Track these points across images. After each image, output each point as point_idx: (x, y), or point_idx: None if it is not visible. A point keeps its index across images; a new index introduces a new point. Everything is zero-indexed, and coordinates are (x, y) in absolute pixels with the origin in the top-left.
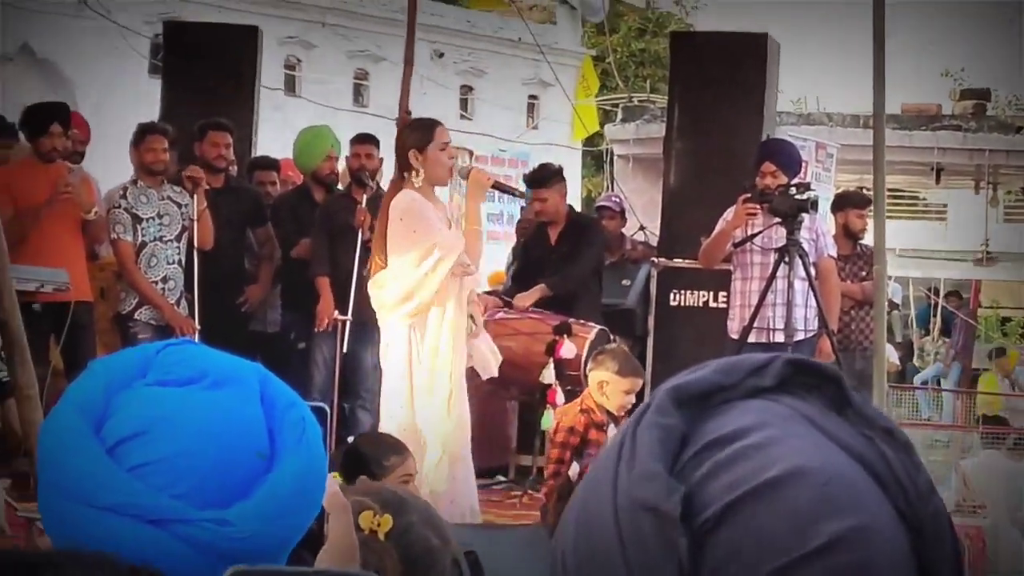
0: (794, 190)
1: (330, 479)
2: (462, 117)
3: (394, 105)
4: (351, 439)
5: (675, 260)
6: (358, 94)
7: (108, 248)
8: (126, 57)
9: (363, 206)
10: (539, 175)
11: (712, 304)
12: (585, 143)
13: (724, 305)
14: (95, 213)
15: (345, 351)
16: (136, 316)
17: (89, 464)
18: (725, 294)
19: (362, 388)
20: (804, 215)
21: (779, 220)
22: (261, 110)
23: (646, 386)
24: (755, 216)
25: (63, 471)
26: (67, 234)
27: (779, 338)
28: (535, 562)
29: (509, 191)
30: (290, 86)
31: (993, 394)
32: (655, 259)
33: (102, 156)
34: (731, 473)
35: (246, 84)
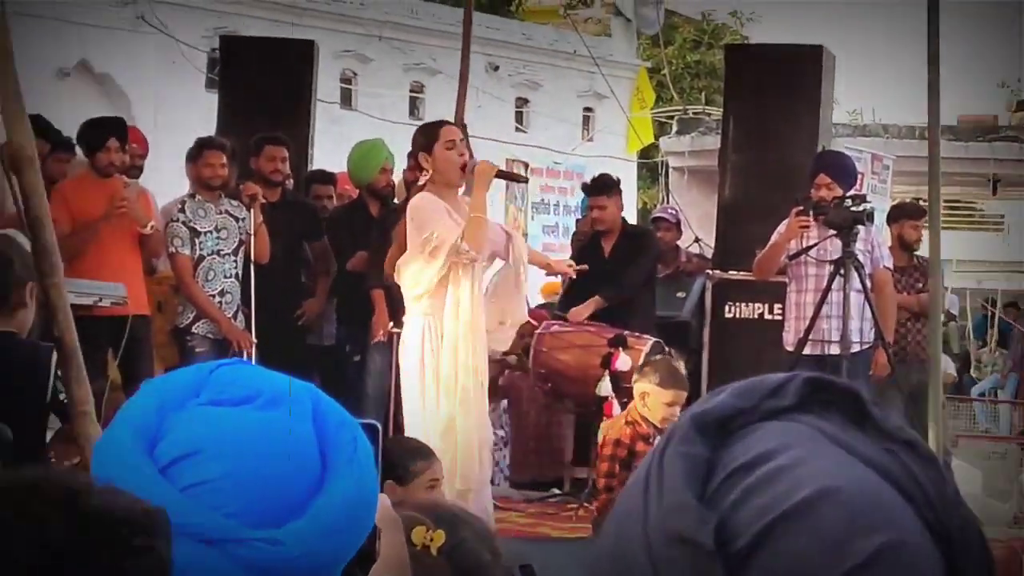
0: (849, 202)
1: (382, 495)
2: (517, 130)
3: (450, 118)
4: None
5: (730, 272)
6: (414, 107)
7: (165, 262)
8: (183, 71)
9: None
10: (598, 183)
11: (767, 316)
12: (640, 155)
13: (779, 317)
14: (152, 227)
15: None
16: (194, 330)
17: (143, 483)
18: (780, 306)
19: None
20: (859, 227)
21: (834, 232)
22: (317, 124)
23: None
24: (807, 229)
25: None
26: (124, 248)
27: (834, 350)
28: None
29: (513, 178)
30: (346, 100)
31: None
32: (710, 271)
33: (159, 170)
34: (760, 498)
35: (302, 98)
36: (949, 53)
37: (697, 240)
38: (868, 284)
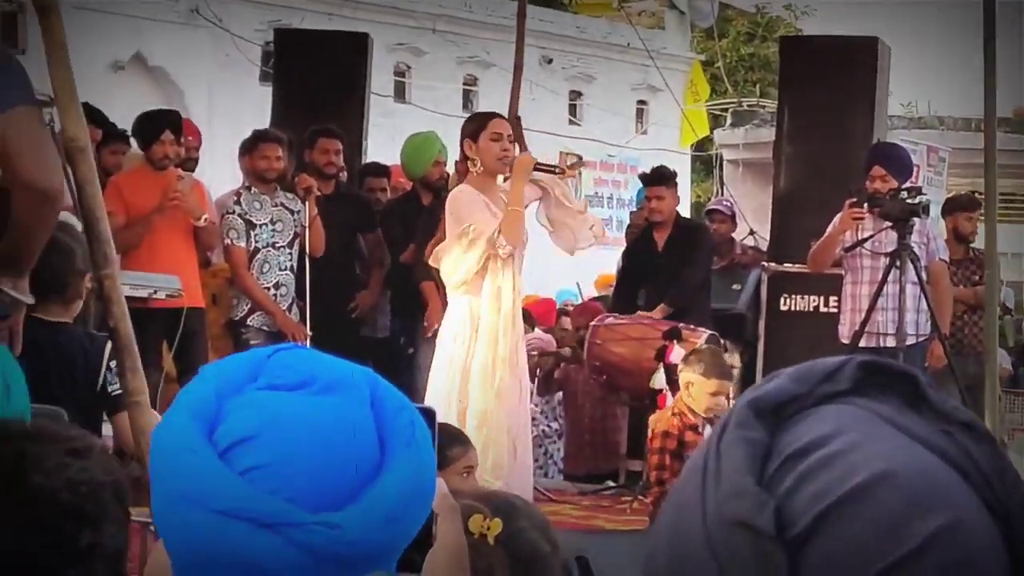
0: (905, 194)
1: (440, 480)
2: (571, 123)
3: (504, 111)
4: None
5: (785, 264)
6: (467, 100)
7: (220, 255)
8: (237, 65)
9: None
10: (656, 174)
11: (823, 309)
12: (694, 148)
13: (835, 310)
14: (205, 220)
15: None
16: (248, 322)
17: (202, 468)
18: (836, 298)
19: None
20: (915, 219)
21: (890, 224)
22: (371, 117)
23: None
24: (861, 220)
25: (176, 475)
26: (179, 241)
27: (890, 343)
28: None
29: (550, 169)
30: (400, 93)
31: None
32: (765, 263)
33: (213, 163)
34: (817, 483)
35: (356, 91)
36: (1005, 45)
37: (752, 232)
38: (924, 276)
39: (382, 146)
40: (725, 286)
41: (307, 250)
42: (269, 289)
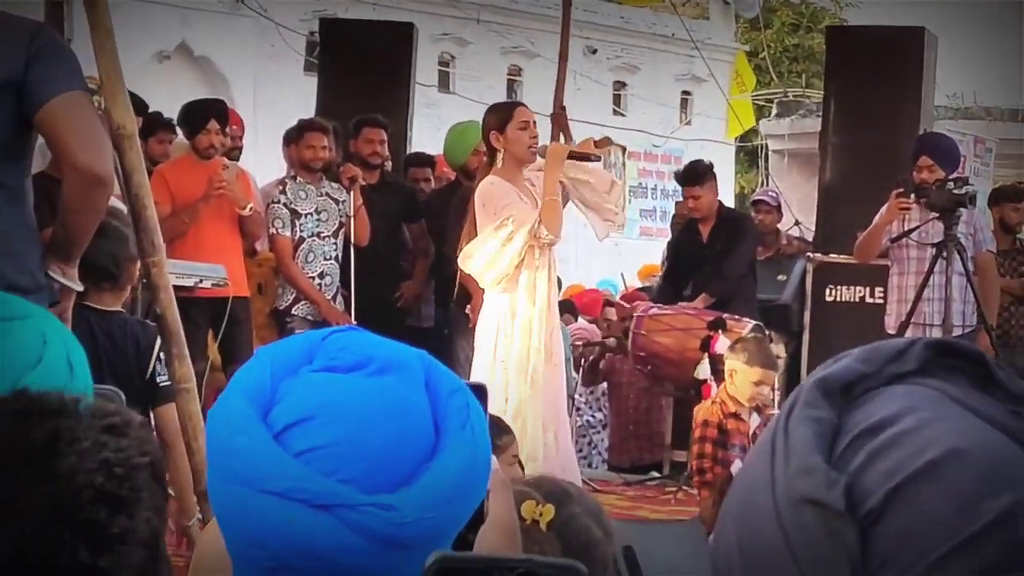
0: (951, 184)
1: (492, 457)
2: (615, 113)
3: (547, 102)
4: None
5: (831, 255)
6: (511, 91)
7: (265, 244)
8: (282, 54)
9: None
10: (691, 172)
11: (868, 300)
12: (739, 139)
13: (881, 301)
14: (251, 209)
15: None
16: (293, 311)
17: (257, 449)
18: (882, 289)
19: None
20: (962, 210)
21: (936, 215)
22: (415, 107)
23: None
24: (908, 210)
25: (232, 456)
26: (224, 230)
27: (936, 333)
28: (691, 559)
29: (586, 157)
30: (444, 83)
31: None
32: (810, 254)
33: (258, 153)
34: (888, 460)
35: (401, 81)
36: None
37: (797, 223)
38: (970, 267)
39: (426, 136)
40: (770, 277)
41: (352, 240)
42: (314, 278)
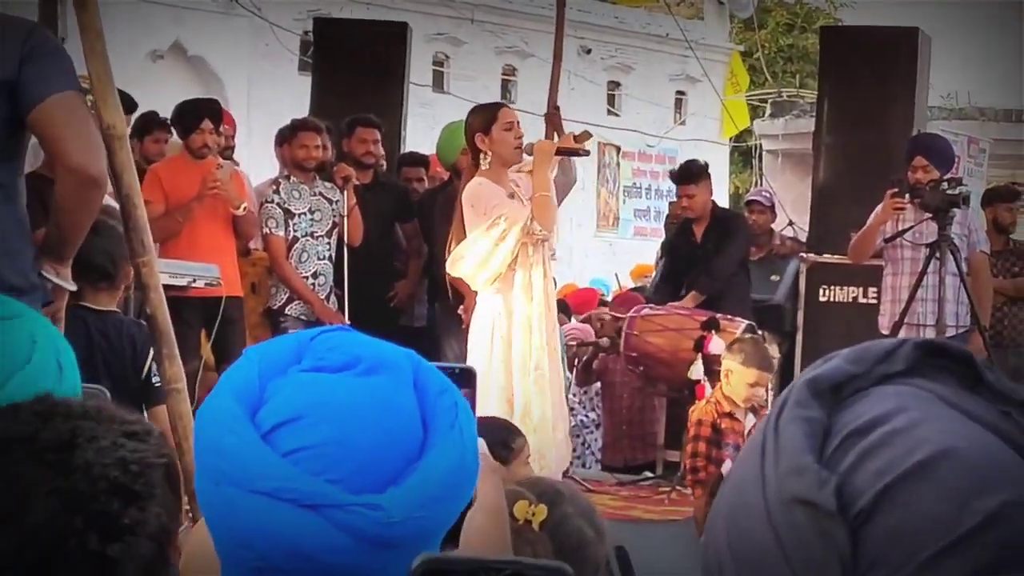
0: (945, 185)
1: (480, 441)
2: (609, 113)
3: (542, 101)
4: None
5: (824, 255)
6: (506, 90)
7: (259, 243)
8: (276, 54)
9: None
10: (686, 172)
11: (862, 300)
12: (733, 139)
13: (874, 301)
14: (244, 208)
15: None
16: (287, 311)
17: (245, 449)
18: (875, 290)
19: None
20: (955, 210)
21: (930, 215)
22: (409, 107)
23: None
24: (902, 211)
25: (220, 456)
26: (218, 229)
27: (930, 334)
28: (683, 558)
29: (574, 152)
30: (438, 82)
31: None
32: (804, 254)
33: (252, 152)
34: (878, 460)
35: (395, 81)
36: None
37: (791, 223)
38: (964, 268)
39: (421, 136)
40: (764, 277)
41: (345, 239)
42: (307, 278)
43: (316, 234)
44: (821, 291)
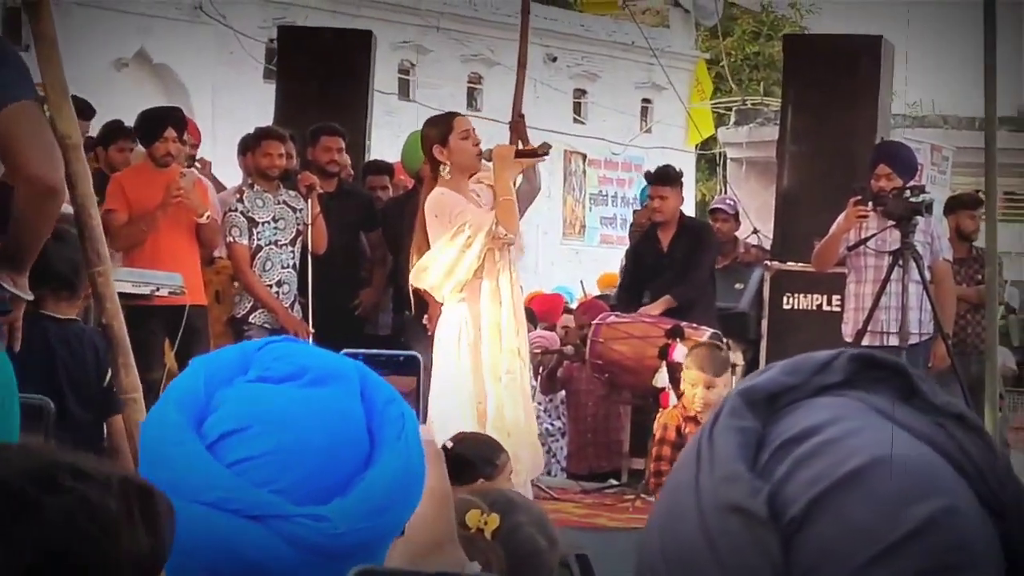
0: (908, 193)
1: (425, 428)
2: (575, 121)
3: (508, 109)
4: (448, 445)
5: (788, 263)
6: (472, 98)
7: (224, 251)
8: (241, 62)
9: None
10: (662, 173)
11: (826, 307)
12: (699, 147)
13: (838, 308)
14: (208, 217)
15: None
16: (251, 319)
17: (190, 460)
18: (839, 297)
19: None
20: (918, 218)
21: (893, 223)
22: (375, 115)
23: None
24: (865, 219)
25: (164, 467)
26: (181, 238)
27: (893, 341)
28: None
29: (533, 154)
30: (404, 90)
31: None
32: (768, 262)
33: (217, 161)
34: (811, 468)
35: (359, 89)
36: (1008, 44)
37: (755, 231)
38: (927, 275)
39: (386, 144)
40: (728, 285)
41: (309, 248)
42: (271, 287)
43: (280, 242)
44: (785, 299)
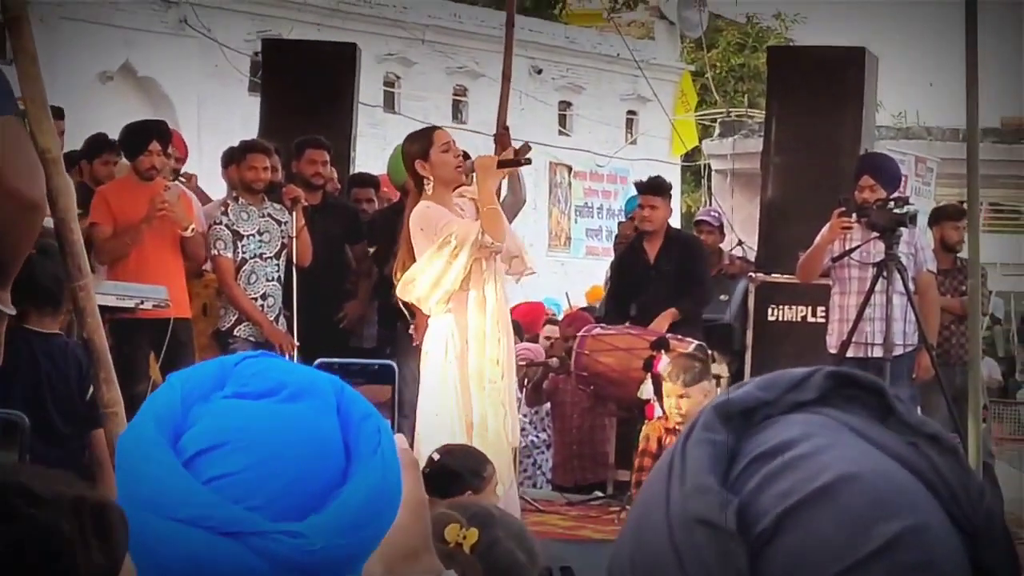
0: (892, 204)
1: (400, 436)
2: (560, 133)
3: (493, 121)
4: (435, 457)
5: (773, 275)
6: (457, 111)
7: (211, 264)
8: (226, 75)
9: None
10: (653, 183)
11: (811, 319)
12: (684, 159)
13: (823, 320)
14: (193, 230)
15: None
16: (235, 333)
17: (166, 476)
18: (823, 309)
19: None
20: (902, 229)
21: (877, 234)
22: (360, 127)
23: None
24: (849, 230)
25: (140, 483)
26: (166, 251)
27: (878, 352)
28: None
29: (516, 163)
30: (389, 103)
31: None
32: (753, 274)
33: (202, 174)
34: (782, 483)
35: (344, 101)
36: (994, 54)
37: (740, 243)
38: (911, 287)
39: (372, 157)
40: (713, 297)
41: (294, 261)
42: (256, 300)
43: (265, 255)
44: (770, 310)
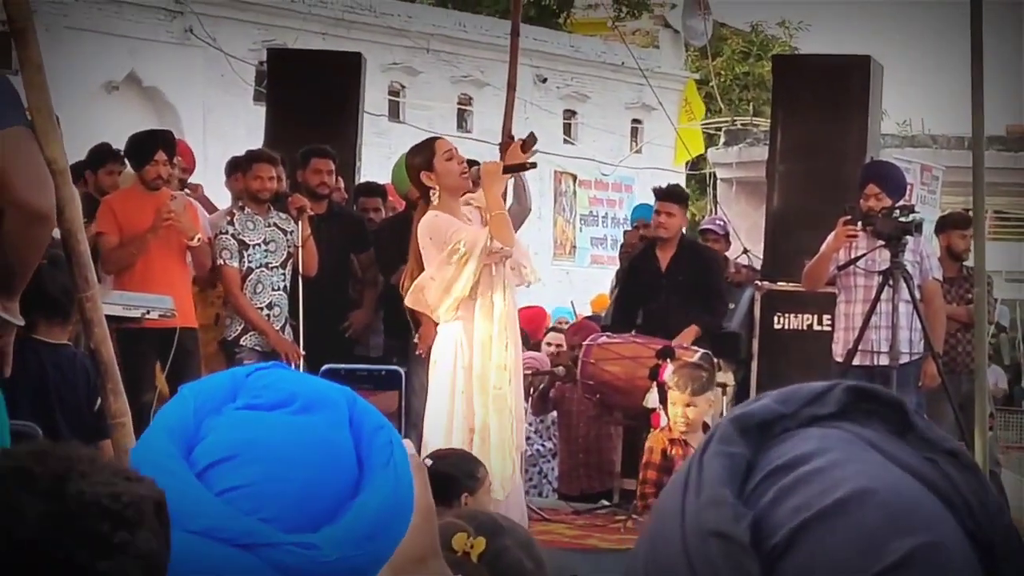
0: (898, 212)
1: (407, 442)
2: (565, 142)
3: (498, 130)
4: (428, 463)
5: (779, 283)
6: (462, 120)
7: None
8: (231, 84)
9: None
10: (671, 190)
11: (816, 327)
12: (689, 167)
13: (828, 328)
14: (199, 239)
15: None
16: (242, 342)
17: (179, 488)
18: (829, 317)
19: None
20: (908, 237)
21: (883, 243)
22: (365, 136)
23: None
24: (855, 238)
25: None
26: (172, 261)
27: (884, 361)
28: None
29: (522, 167)
30: (394, 112)
31: None
32: (759, 282)
33: (207, 183)
34: (797, 497)
35: (349, 111)
36: (1000, 62)
37: (745, 251)
38: (917, 295)
39: (376, 166)
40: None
41: (300, 270)
42: (262, 309)
43: (271, 265)
44: (776, 319)
